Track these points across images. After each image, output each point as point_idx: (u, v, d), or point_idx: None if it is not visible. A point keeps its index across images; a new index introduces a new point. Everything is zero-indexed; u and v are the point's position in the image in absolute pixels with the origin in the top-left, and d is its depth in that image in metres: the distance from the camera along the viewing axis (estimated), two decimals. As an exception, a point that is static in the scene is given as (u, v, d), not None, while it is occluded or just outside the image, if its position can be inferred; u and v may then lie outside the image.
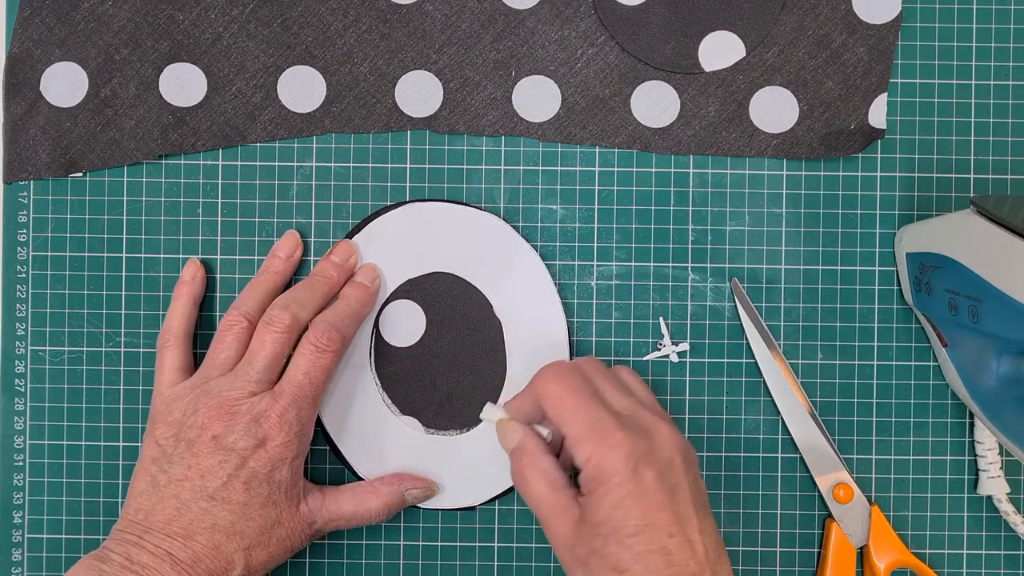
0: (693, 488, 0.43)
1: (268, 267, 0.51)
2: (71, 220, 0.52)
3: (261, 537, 0.46)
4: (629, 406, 0.44)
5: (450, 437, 0.51)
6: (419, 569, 0.52)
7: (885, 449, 0.52)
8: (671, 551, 0.41)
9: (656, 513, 0.41)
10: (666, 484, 0.42)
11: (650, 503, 0.41)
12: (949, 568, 0.52)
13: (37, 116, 0.52)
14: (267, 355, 0.47)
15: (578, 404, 0.43)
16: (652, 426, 0.43)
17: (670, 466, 0.42)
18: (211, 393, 0.46)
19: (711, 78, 0.52)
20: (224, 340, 0.48)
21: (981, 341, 0.46)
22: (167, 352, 0.49)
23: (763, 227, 0.52)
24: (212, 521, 0.45)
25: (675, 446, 0.43)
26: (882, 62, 0.52)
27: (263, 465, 0.46)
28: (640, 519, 0.41)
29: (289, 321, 0.47)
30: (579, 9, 0.52)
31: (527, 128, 0.52)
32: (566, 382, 0.44)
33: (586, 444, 0.42)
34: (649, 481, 0.41)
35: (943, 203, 0.52)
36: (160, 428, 0.47)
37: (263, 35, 0.52)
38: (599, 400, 0.44)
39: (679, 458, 0.43)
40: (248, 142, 0.52)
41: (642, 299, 0.52)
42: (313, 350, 0.47)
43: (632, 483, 0.41)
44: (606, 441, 0.42)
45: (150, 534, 0.45)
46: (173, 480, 0.45)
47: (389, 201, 0.52)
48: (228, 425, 0.45)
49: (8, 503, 0.52)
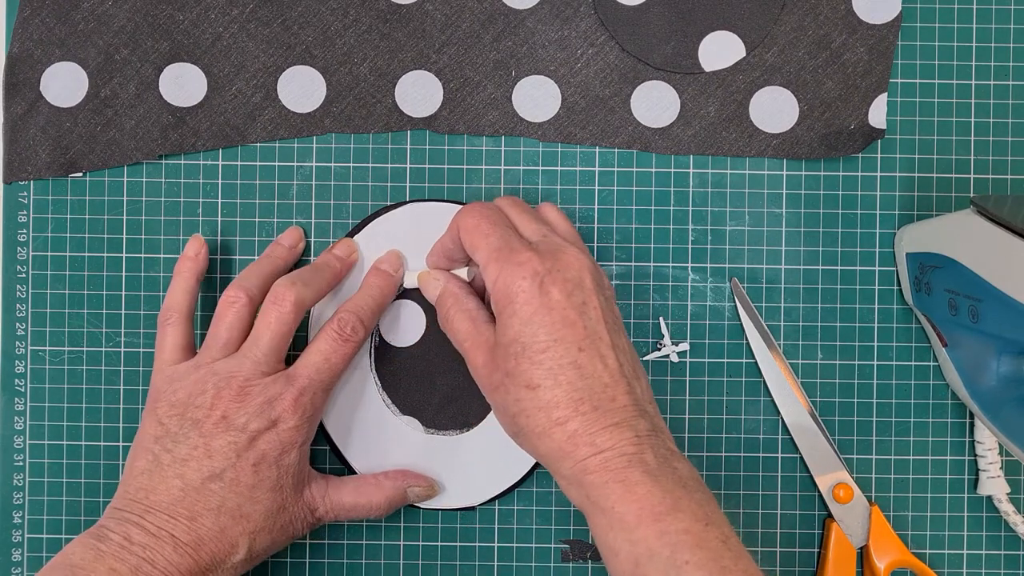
0: (605, 309, 0.43)
1: (271, 252, 0.51)
2: (71, 220, 0.52)
3: (266, 522, 0.45)
4: (540, 232, 0.45)
5: (450, 437, 0.51)
6: (419, 569, 0.52)
7: (885, 449, 0.52)
8: (582, 365, 0.41)
9: (564, 329, 0.41)
10: (574, 300, 0.42)
11: (558, 319, 0.42)
12: (949, 568, 0.52)
13: (37, 116, 0.52)
14: (273, 335, 0.46)
15: (489, 231, 0.44)
16: (560, 248, 0.44)
17: (578, 285, 0.43)
18: (219, 373, 0.45)
19: (711, 78, 0.52)
20: (225, 318, 0.47)
21: (981, 341, 0.46)
22: (169, 329, 0.48)
23: (763, 227, 0.52)
24: (219, 503, 0.44)
25: (583, 266, 0.43)
26: (882, 62, 0.52)
27: (273, 447, 0.45)
28: (548, 334, 0.41)
29: (295, 299, 0.47)
30: (579, 9, 0.52)
31: (527, 128, 0.52)
32: (480, 214, 0.45)
33: (493, 266, 0.43)
34: (556, 297, 0.42)
35: (943, 203, 0.52)
36: (163, 407, 0.45)
37: (263, 35, 0.52)
38: (510, 228, 0.45)
39: (588, 278, 0.43)
40: (248, 142, 0.52)
41: (642, 299, 0.52)
42: (336, 337, 0.47)
43: (538, 300, 0.42)
44: (511, 261, 0.42)
45: (151, 514, 0.44)
46: (177, 460, 0.44)
47: (389, 201, 0.52)
48: (239, 406, 0.45)
49: (8, 503, 0.52)
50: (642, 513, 0.39)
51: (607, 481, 0.40)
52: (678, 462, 0.42)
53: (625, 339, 0.44)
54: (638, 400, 0.42)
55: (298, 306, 0.47)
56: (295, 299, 0.47)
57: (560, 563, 0.52)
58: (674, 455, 0.42)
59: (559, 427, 0.41)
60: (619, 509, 0.40)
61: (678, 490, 0.40)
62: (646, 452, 0.41)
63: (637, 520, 0.39)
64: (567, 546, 0.52)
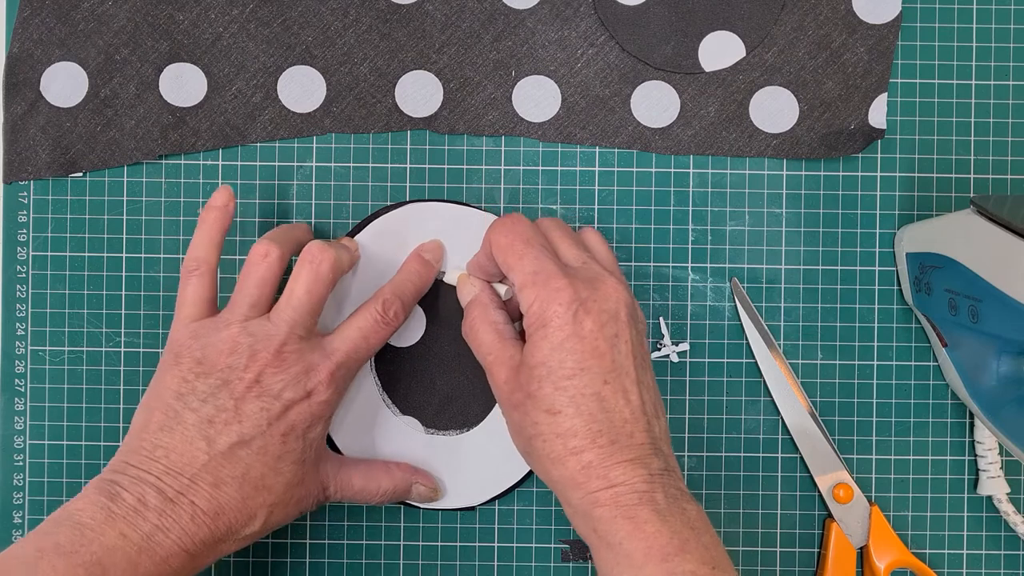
0: (636, 343, 0.43)
1: (299, 224, 0.51)
2: (71, 220, 0.52)
3: (286, 495, 0.44)
4: (580, 259, 0.44)
5: (450, 437, 0.51)
6: (419, 569, 0.52)
7: (885, 449, 0.52)
8: (605, 397, 0.41)
9: (593, 359, 0.41)
10: (607, 332, 0.42)
11: (588, 348, 0.41)
12: (949, 568, 0.52)
13: (37, 116, 0.52)
14: (311, 296, 0.45)
15: (525, 252, 0.43)
16: (599, 277, 0.43)
17: (613, 317, 0.42)
18: (255, 335, 0.44)
19: (711, 78, 0.52)
20: (255, 273, 0.45)
21: (981, 341, 0.46)
22: (193, 279, 0.46)
23: (763, 227, 0.52)
24: (244, 471, 0.43)
25: (620, 298, 0.43)
26: (882, 62, 0.52)
27: (303, 419, 0.44)
28: (576, 363, 0.41)
29: (333, 259, 0.45)
30: (579, 9, 0.52)
31: (527, 128, 0.52)
32: (516, 232, 0.44)
33: (530, 290, 0.42)
34: (589, 327, 0.41)
35: (943, 203, 0.52)
36: (187, 362, 0.44)
37: (263, 35, 0.52)
38: (547, 251, 0.44)
39: (624, 311, 0.42)
40: (248, 142, 0.52)
41: (642, 299, 0.52)
42: (379, 319, 0.46)
43: (571, 327, 0.41)
44: (549, 286, 0.42)
45: (171, 476, 0.42)
46: (204, 420, 0.42)
47: (389, 201, 0.52)
48: (276, 370, 0.43)
49: (8, 503, 0.52)
50: (650, 552, 0.39)
51: (616, 516, 0.40)
52: (688, 503, 0.41)
53: (651, 376, 0.44)
54: (655, 439, 0.42)
55: (335, 268, 0.46)
56: (333, 259, 0.45)
57: (560, 563, 0.52)
58: (684, 496, 0.42)
59: (574, 456, 0.41)
60: (627, 546, 0.40)
61: (686, 531, 0.40)
62: (657, 491, 0.41)
63: (644, 559, 0.39)
64: (567, 546, 0.52)
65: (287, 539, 0.52)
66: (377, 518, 0.52)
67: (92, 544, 0.40)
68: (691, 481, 0.52)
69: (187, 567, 0.42)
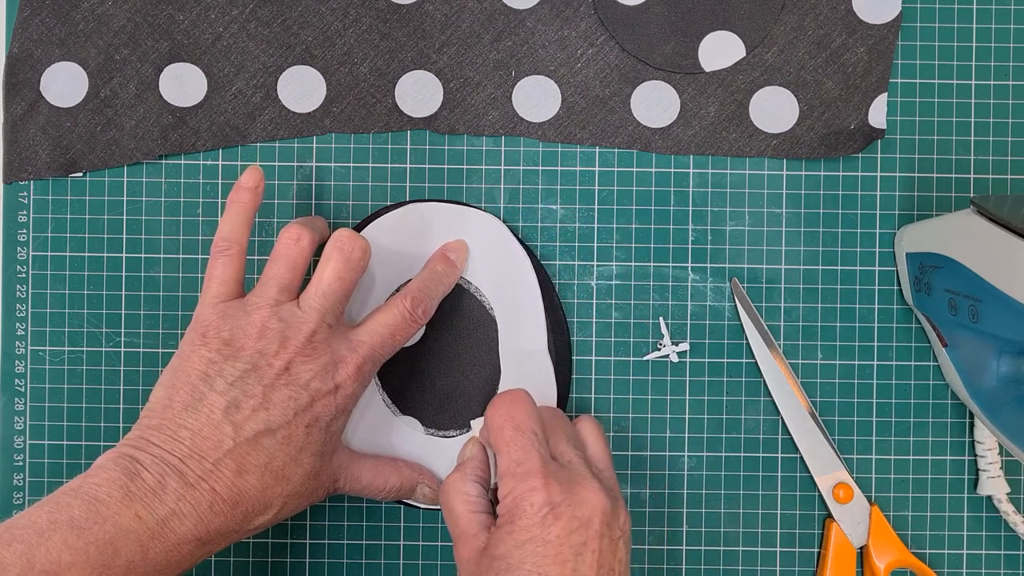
0: (605, 553, 0.41)
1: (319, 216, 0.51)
2: (71, 220, 0.52)
3: (303, 486, 0.44)
4: (568, 455, 0.43)
5: (450, 437, 0.52)
6: (419, 569, 0.52)
7: (885, 449, 0.52)
8: None
9: (553, 566, 0.40)
10: (573, 540, 0.40)
11: (550, 553, 0.40)
12: (949, 568, 0.52)
13: (37, 116, 0.52)
14: (342, 283, 0.44)
15: (513, 439, 0.43)
16: (580, 481, 0.42)
17: (584, 524, 0.41)
18: (286, 320, 0.43)
19: (711, 78, 0.52)
20: (288, 257, 0.45)
21: (981, 341, 0.46)
22: (223, 259, 0.45)
23: (763, 227, 0.52)
24: (267, 459, 0.42)
25: (597, 506, 0.41)
26: (882, 62, 0.52)
27: (327, 412, 0.44)
28: (535, 566, 0.40)
29: (364, 246, 0.45)
30: (579, 9, 0.52)
31: (527, 128, 0.52)
32: (510, 414, 0.43)
33: (508, 480, 0.42)
34: (555, 533, 0.40)
35: (943, 203, 0.52)
36: (214, 343, 0.43)
37: (263, 35, 0.52)
38: (537, 440, 0.43)
39: (598, 519, 0.41)
40: (248, 142, 0.52)
41: (642, 299, 0.52)
42: (408, 316, 0.46)
43: (538, 529, 0.40)
44: (526, 482, 0.41)
45: (195, 460, 0.41)
46: (230, 404, 0.42)
47: (389, 201, 0.52)
48: (306, 359, 0.43)
49: (8, 503, 0.52)
50: None
51: None
52: None
53: None
54: None
55: (366, 256, 0.45)
56: (365, 247, 0.45)
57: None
58: None
59: None
60: None
61: None
62: None
63: None
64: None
65: (287, 539, 0.52)
66: (377, 518, 0.52)
67: (107, 523, 0.39)
68: (691, 481, 0.52)
69: (196, 554, 0.41)
